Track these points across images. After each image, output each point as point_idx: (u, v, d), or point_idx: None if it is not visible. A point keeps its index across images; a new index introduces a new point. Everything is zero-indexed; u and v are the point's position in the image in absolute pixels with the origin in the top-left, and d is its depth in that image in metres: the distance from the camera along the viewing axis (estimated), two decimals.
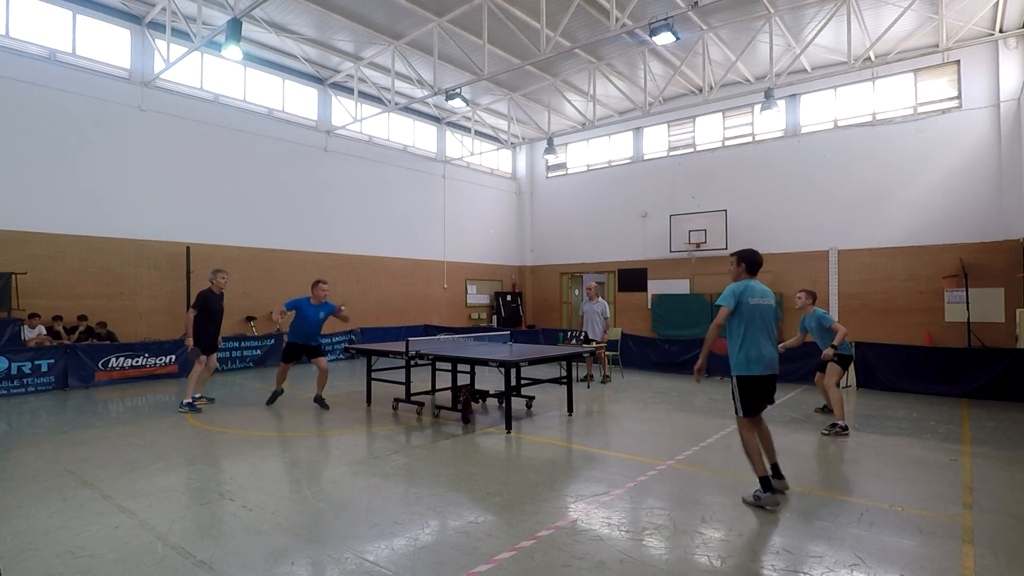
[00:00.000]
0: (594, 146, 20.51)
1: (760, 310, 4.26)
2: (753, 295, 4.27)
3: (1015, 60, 12.94)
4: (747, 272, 4.38)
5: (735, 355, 4.27)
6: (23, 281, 10.44)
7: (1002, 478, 4.78)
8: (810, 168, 15.73)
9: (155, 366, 10.56)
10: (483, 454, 5.58)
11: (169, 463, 5.18)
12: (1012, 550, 3.38)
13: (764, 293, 4.34)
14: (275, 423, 7.01)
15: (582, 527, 3.71)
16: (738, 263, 4.41)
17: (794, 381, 9.81)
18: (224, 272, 7.96)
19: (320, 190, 15.61)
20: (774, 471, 4.31)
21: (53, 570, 3.13)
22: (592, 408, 7.94)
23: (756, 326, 4.21)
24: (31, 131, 10.83)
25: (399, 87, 15.69)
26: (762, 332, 4.23)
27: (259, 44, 13.67)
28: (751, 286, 4.30)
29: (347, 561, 3.24)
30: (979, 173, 13.41)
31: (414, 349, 7.32)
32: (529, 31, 12.38)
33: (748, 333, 4.21)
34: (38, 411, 7.75)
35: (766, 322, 4.27)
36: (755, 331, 4.21)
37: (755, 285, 4.33)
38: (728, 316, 4.27)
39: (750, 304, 4.24)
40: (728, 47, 14.05)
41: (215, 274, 7.86)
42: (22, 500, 4.21)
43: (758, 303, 4.27)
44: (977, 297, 13.13)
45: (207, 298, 7.68)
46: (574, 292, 21.44)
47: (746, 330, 4.22)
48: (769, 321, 4.28)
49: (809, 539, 3.54)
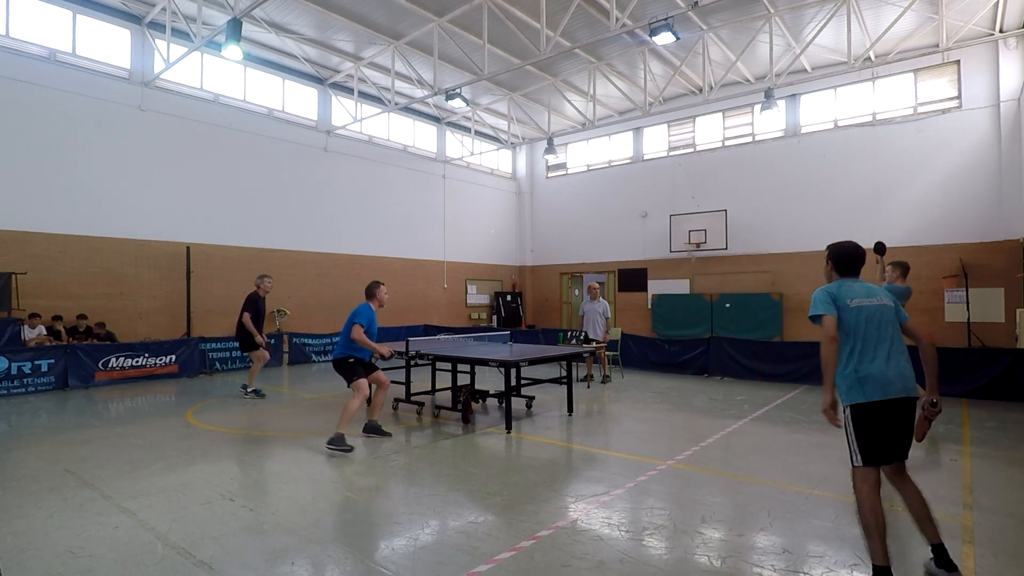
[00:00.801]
0: (594, 146, 20.51)
1: (867, 313, 3.17)
2: (853, 295, 3.22)
3: (1015, 60, 12.94)
4: (837, 271, 3.40)
5: (839, 377, 3.16)
6: (23, 281, 10.44)
7: (1002, 478, 4.78)
8: (810, 168, 15.73)
9: (155, 366, 10.56)
10: (483, 454, 5.58)
11: (169, 463, 5.18)
12: (1012, 550, 3.38)
13: (870, 292, 3.25)
14: (275, 423, 7.01)
15: (582, 527, 3.71)
16: (827, 261, 3.46)
17: (794, 381, 9.81)
18: (269, 277, 8.98)
19: (320, 190, 15.61)
20: (938, 556, 3.01)
21: (53, 570, 3.13)
22: (592, 408, 7.94)
23: (863, 334, 3.14)
24: (31, 131, 10.83)
25: (399, 87, 15.69)
26: (875, 341, 3.13)
27: (259, 44, 13.66)
28: (848, 285, 3.30)
29: (347, 561, 3.24)
30: (979, 173, 13.41)
31: (414, 349, 7.32)
32: (529, 31, 12.38)
33: (854, 344, 3.15)
34: (38, 411, 7.75)
35: (881, 328, 3.15)
36: (863, 340, 3.14)
37: (853, 284, 3.31)
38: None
39: (850, 307, 3.18)
40: (728, 47, 14.05)
41: (261, 279, 8.85)
42: (22, 500, 4.21)
43: (862, 304, 3.19)
44: (977, 297, 13.13)
45: (255, 301, 8.67)
46: (574, 292, 21.44)
47: (850, 341, 3.17)
48: (885, 326, 3.16)
49: (809, 539, 3.54)
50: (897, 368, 3.07)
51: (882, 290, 3.30)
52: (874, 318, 3.16)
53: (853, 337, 3.16)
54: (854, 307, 3.18)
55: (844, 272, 3.37)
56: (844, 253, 3.37)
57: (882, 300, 3.23)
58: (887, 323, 3.17)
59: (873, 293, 3.26)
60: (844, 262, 3.36)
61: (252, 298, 8.68)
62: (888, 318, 3.19)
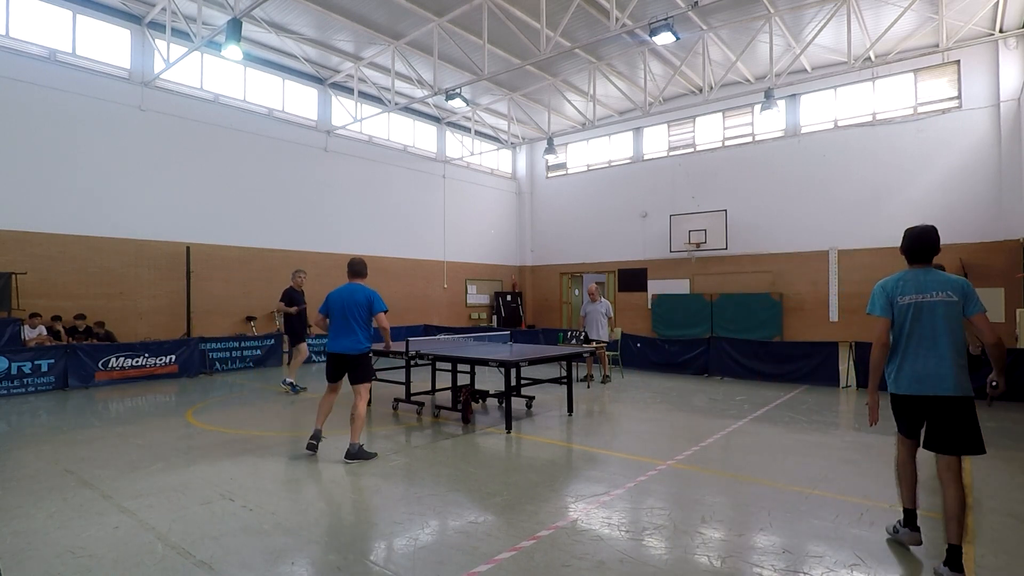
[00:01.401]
0: (594, 146, 20.52)
1: (915, 310, 3.19)
2: (907, 291, 3.22)
3: (1015, 60, 12.94)
4: (908, 260, 3.34)
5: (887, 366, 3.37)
6: (23, 281, 10.44)
7: (1002, 478, 4.78)
8: (810, 168, 15.74)
9: (155, 366, 10.56)
10: (483, 454, 5.58)
11: (169, 463, 5.18)
12: (1012, 550, 3.38)
13: (925, 287, 3.20)
14: (275, 423, 7.01)
15: (582, 527, 3.71)
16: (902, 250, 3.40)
17: (794, 381, 9.80)
18: (302, 272, 9.28)
19: (320, 190, 15.61)
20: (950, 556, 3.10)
21: (53, 570, 3.13)
22: (592, 408, 7.94)
23: (907, 332, 3.22)
24: (31, 131, 10.83)
25: (399, 87, 15.69)
26: (918, 338, 3.19)
27: (259, 44, 13.67)
28: (907, 279, 3.26)
29: (347, 561, 3.23)
30: (979, 173, 13.41)
31: (414, 349, 7.32)
32: (529, 31, 12.38)
33: (898, 341, 3.27)
34: (38, 411, 7.75)
35: (931, 326, 3.16)
36: (906, 338, 3.22)
37: (914, 277, 3.25)
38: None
39: (900, 304, 3.23)
40: (728, 47, 14.06)
41: (296, 274, 9.19)
42: (22, 500, 4.20)
43: (913, 301, 3.20)
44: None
45: (292, 295, 8.98)
46: (574, 292, 21.44)
47: (898, 338, 3.27)
48: (937, 322, 3.15)
49: (809, 539, 3.54)
50: (936, 367, 3.13)
51: (954, 282, 3.20)
52: (924, 315, 3.18)
53: (897, 334, 3.28)
54: (903, 304, 3.23)
55: (913, 260, 3.33)
56: (911, 239, 3.33)
57: (943, 295, 3.17)
58: (939, 319, 3.15)
59: (927, 287, 3.20)
60: (913, 248, 3.31)
61: (288, 292, 9.06)
62: (943, 313, 3.15)
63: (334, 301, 5.59)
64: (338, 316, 5.54)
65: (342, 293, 5.58)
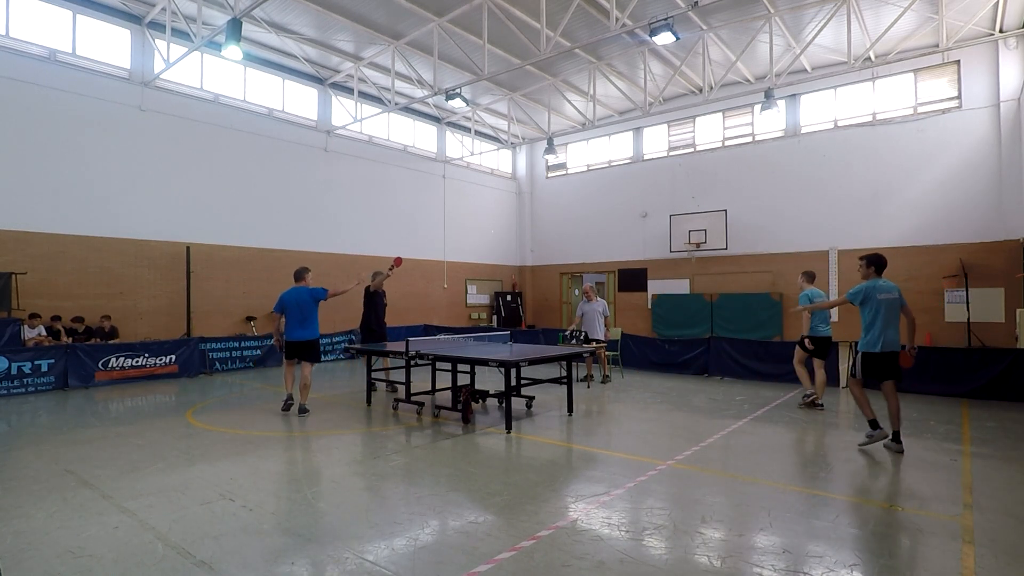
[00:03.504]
0: (594, 146, 20.52)
1: (887, 303, 5.38)
2: (881, 291, 5.39)
3: (1015, 60, 12.94)
4: (876, 272, 5.51)
5: (863, 337, 5.46)
6: (23, 281, 10.44)
7: (1002, 478, 4.78)
8: (810, 168, 15.74)
9: (155, 366, 10.56)
10: (483, 454, 5.58)
11: (169, 463, 5.18)
12: (1012, 550, 3.38)
13: (891, 289, 5.44)
14: (275, 423, 7.01)
15: (582, 527, 3.71)
16: (867, 265, 5.54)
17: (794, 381, 9.79)
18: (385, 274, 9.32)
19: (320, 190, 15.61)
20: (894, 437, 5.40)
21: (53, 570, 3.13)
22: (592, 408, 7.94)
23: (883, 316, 5.34)
24: (31, 131, 10.83)
25: (399, 87, 15.69)
26: (887, 320, 5.36)
27: (259, 44, 13.67)
28: (878, 284, 5.42)
29: (347, 561, 3.23)
30: (979, 173, 13.41)
31: (414, 349, 7.32)
32: (529, 31, 12.38)
33: (877, 321, 5.35)
34: (38, 411, 7.75)
35: (892, 312, 5.38)
36: (882, 319, 5.34)
37: (882, 283, 5.44)
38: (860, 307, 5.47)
39: (878, 299, 5.36)
40: (728, 47, 14.06)
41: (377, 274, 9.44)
42: (22, 500, 4.20)
43: (885, 298, 5.38)
44: (977, 297, 13.13)
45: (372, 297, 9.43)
46: (574, 292, 21.44)
47: (874, 318, 5.36)
48: (894, 311, 5.40)
49: (809, 539, 3.54)
50: (894, 336, 5.44)
51: (896, 287, 5.51)
52: (890, 305, 5.42)
53: (874, 317, 5.40)
54: (880, 299, 5.40)
55: (879, 272, 5.53)
56: (878, 260, 5.54)
57: (895, 294, 5.45)
58: (895, 309, 5.44)
59: (890, 289, 5.46)
60: (880, 265, 5.55)
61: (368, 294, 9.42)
62: (896, 305, 5.45)
63: (288, 302, 7.24)
64: (294, 312, 7.21)
65: (292, 295, 7.24)
